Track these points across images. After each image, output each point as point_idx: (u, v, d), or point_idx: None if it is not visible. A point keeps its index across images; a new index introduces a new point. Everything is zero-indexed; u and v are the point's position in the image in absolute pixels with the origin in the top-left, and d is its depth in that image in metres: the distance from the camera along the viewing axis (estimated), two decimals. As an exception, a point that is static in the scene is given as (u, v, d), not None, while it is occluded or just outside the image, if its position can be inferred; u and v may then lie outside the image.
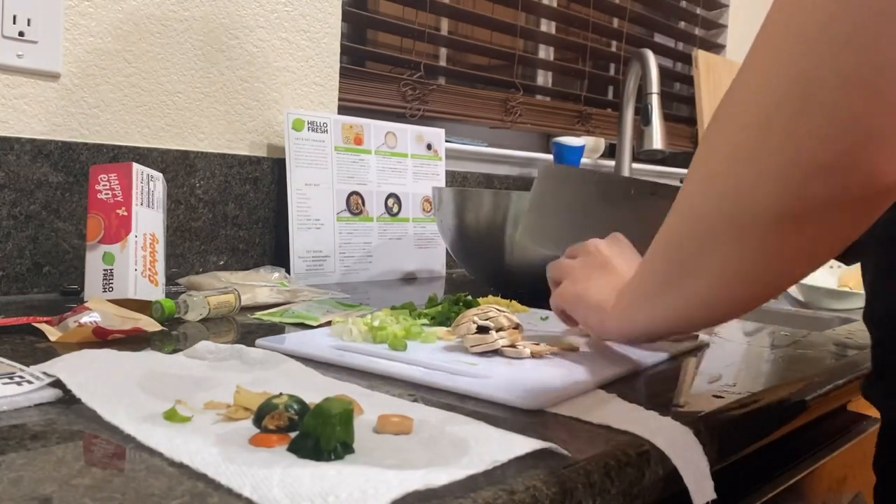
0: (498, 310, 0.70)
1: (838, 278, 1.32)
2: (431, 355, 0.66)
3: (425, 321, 0.80)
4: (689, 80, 2.22)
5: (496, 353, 0.68)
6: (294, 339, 0.71)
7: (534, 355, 0.67)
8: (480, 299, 0.76)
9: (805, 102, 0.38)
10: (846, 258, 0.80)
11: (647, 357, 0.72)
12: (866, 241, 0.64)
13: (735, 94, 0.43)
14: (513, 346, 0.68)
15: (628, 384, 0.64)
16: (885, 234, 0.60)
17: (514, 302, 0.75)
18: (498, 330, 0.68)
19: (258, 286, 0.95)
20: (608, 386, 0.62)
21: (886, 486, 0.65)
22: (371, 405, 0.50)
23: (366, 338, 0.71)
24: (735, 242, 0.44)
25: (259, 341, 0.69)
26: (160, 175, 0.88)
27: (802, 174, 0.39)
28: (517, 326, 0.70)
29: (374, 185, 1.27)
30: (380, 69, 1.45)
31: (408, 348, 0.68)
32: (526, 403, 0.54)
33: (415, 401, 0.54)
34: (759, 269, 0.45)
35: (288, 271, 1.10)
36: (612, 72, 2.09)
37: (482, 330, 0.68)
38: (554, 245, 0.81)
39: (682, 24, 2.27)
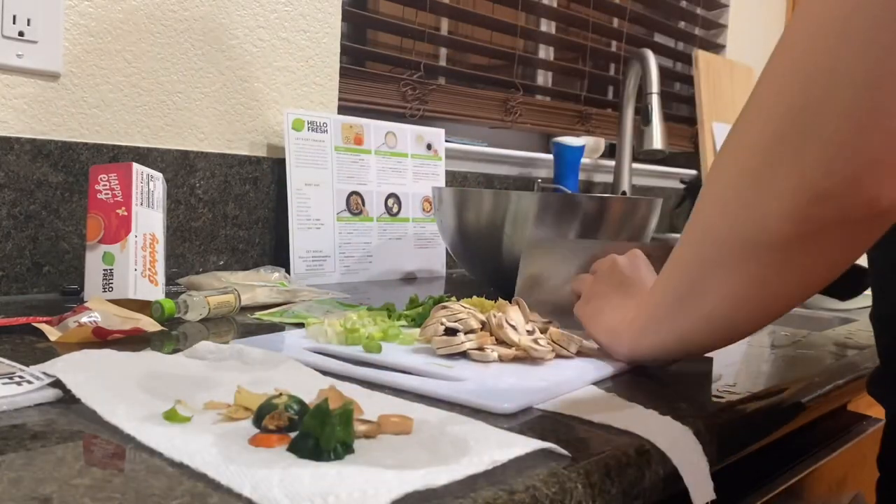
0: (468, 311, 0.69)
1: (838, 278, 1.32)
2: (405, 357, 0.65)
3: (404, 322, 0.79)
4: (689, 80, 2.22)
5: (463, 355, 0.66)
6: (268, 341, 0.69)
7: (501, 359, 0.66)
8: (465, 300, 0.75)
9: (807, 133, 0.40)
10: (842, 293, 0.80)
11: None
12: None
13: (744, 120, 0.45)
14: (480, 349, 0.66)
15: (628, 383, 0.64)
16: (889, 233, 0.60)
17: (500, 301, 0.75)
18: (467, 332, 0.67)
19: (258, 286, 0.95)
20: (608, 386, 0.62)
21: (890, 481, 0.65)
22: (371, 405, 0.50)
23: (341, 339, 0.69)
24: (741, 263, 0.46)
25: (233, 342, 0.67)
26: (160, 175, 0.88)
27: (806, 199, 0.41)
28: (484, 327, 0.69)
29: (374, 185, 1.27)
30: (380, 69, 1.45)
31: (383, 350, 0.67)
32: (498, 407, 0.53)
33: (414, 401, 0.54)
34: (764, 290, 0.47)
35: (288, 271, 1.10)
36: (612, 72, 2.09)
37: (450, 332, 0.67)
38: (555, 313, 0.82)
39: (682, 24, 2.27)
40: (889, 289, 0.63)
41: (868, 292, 1.22)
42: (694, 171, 2.17)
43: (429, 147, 1.36)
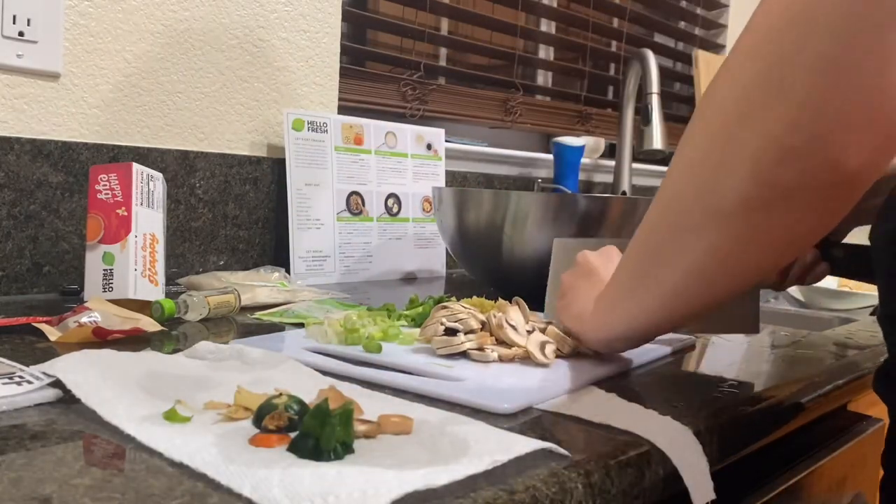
0: (468, 311, 0.69)
1: (838, 279, 1.32)
2: (405, 357, 0.65)
3: (404, 322, 0.79)
4: (689, 80, 2.22)
5: (463, 355, 0.66)
6: (268, 341, 0.69)
7: (501, 359, 0.66)
8: (465, 300, 0.75)
9: (776, 88, 0.39)
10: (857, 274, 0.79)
11: (638, 357, 0.71)
12: (875, 242, 0.63)
13: (715, 82, 0.44)
14: (480, 349, 0.66)
15: (628, 383, 0.64)
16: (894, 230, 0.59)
17: (500, 301, 0.75)
18: (467, 332, 0.67)
19: (258, 286, 0.95)
20: (608, 386, 0.62)
21: (894, 480, 0.64)
22: (371, 405, 0.50)
23: (341, 339, 0.69)
24: (707, 229, 0.45)
25: (233, 342, 0.67)
26: (160, 175, 0.88)
27: (771, 159, 0.40)
28: (484, 327, 0.68)
29: (374, 185, 1.27)
30: (380, 69, 1.45)
31: (382, 350, 0.67)
32: (497, 407, 0.53)
33: (414, 401, 0.54)
34: (731, 258, 0.46)
35: (288, 271, 1.10)
36: (612, 72, 2.09)
37: (450, 332, 0.67)
38: None
39: (682, 24, 2.27)
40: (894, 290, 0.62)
41: (866, 292, 1.21)
42: (694, 171, 2.17)
43: (429, 147, 1.36)
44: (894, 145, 0.39)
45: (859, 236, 0.73)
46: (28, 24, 0.92)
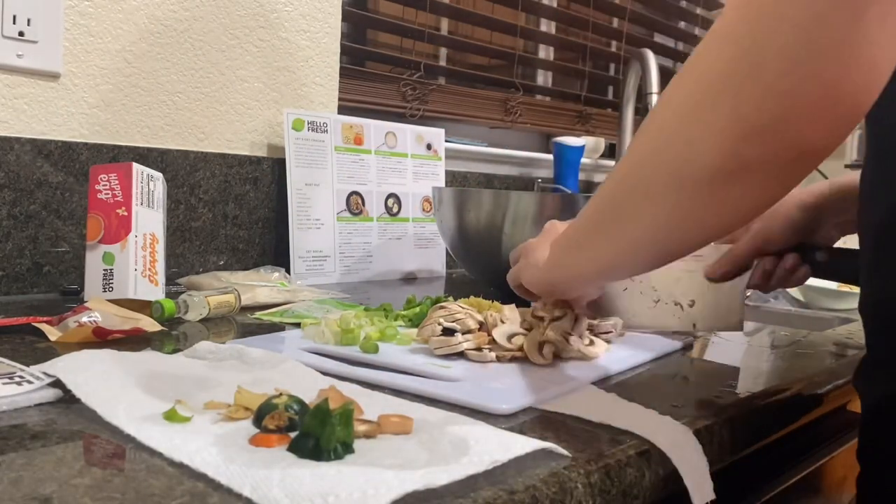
0: (466, 312, 0.69)
1: (838, 278, 1.32)
2: (403, 357, 0.65)
3: (402, 323, 0.79)
4: (689, 80, 2.22)
5: (461, 355, 0.66)
6: (267, 341, 0.69)
7: (499, 359, 0.65)
8: (462, 300, 0.75)
9: (748, 72, 0.42)
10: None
11: (638, 357, 0.71)
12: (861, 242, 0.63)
13: (694, 58, 0.47)
14: (478, 349, 0.66)
15: (628, 383, 0.64)
16: (877, 214, 0.60)
17: (495, 303, 0.74)
18: (465, 332, 0.67)
19: (258, 286, 0.95)
20: (608, 385, 0.62)
21: (871, 475, 0.64)
22: (371, 405, 0.50)
23: (338, 340, 0.69)
24: (671, 192, 0.48)
25: (232, 342, 0.67)
26: (160, 175, 0.88)
27: (738, 135, 0.43)
28: (482, 327, 0.68)
29: (374, 185, 1.27)
30: (380, 69, 1.45)
31: (380, 350, 0.67)
32: (495, 408, 0.53)
33: (414, 401, 0.54)
34: (689, 221, 0.49)
35: (288, 271, 1.10)
36: (612, 72, 2.09)
37: (448, 332, 0.66)
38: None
39: (682, 24, 2.27)
40: (871, 281, 0.63)
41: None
42: (694, 171, 2.17)
43: (429, 147, 1.36)
44: (851, 126, 0.42)
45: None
46: (28, 24, 0.92)
